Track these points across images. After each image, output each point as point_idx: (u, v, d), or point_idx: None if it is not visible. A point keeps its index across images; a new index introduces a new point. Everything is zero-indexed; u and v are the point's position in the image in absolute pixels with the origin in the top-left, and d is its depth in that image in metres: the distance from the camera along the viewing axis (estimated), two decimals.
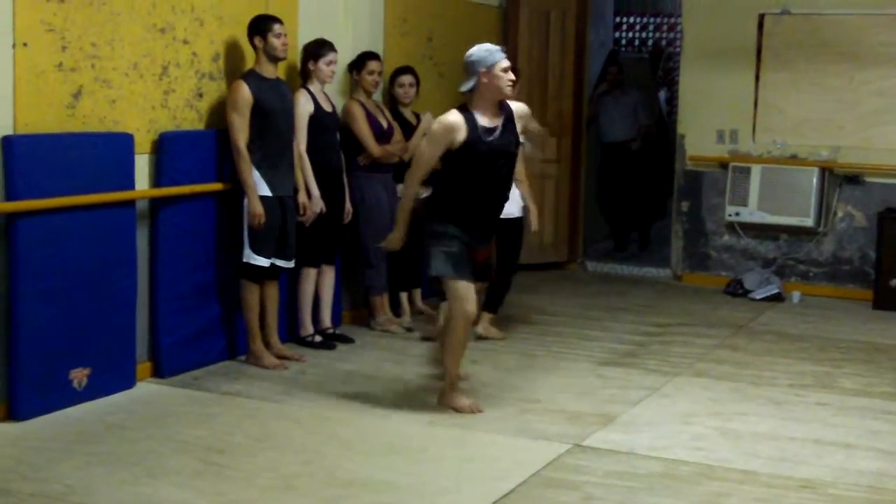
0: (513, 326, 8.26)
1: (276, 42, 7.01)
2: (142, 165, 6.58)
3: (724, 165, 10.37)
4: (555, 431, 6.06)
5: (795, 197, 10.05)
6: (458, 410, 6.31)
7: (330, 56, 7.48)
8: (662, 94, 12.72)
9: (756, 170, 10.17)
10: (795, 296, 9.86)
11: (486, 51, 6.17)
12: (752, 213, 10.21)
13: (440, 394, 6.46)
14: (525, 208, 8.07)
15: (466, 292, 6.19)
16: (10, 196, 5.78)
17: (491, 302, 8.08)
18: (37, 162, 5.87)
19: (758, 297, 9.81)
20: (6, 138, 5.76)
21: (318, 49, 7.49)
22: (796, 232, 10.17)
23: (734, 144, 10.37)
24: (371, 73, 8.00)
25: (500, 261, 8.07)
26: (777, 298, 9.80)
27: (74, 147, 6.12)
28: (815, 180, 9.97)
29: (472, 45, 9.70)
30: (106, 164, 6.30)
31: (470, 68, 6.13)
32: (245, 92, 6.86)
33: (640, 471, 5.51)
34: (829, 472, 5.56)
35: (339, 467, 5.45)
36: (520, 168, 7.56)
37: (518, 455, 5.73)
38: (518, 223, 7.99)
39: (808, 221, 10.02)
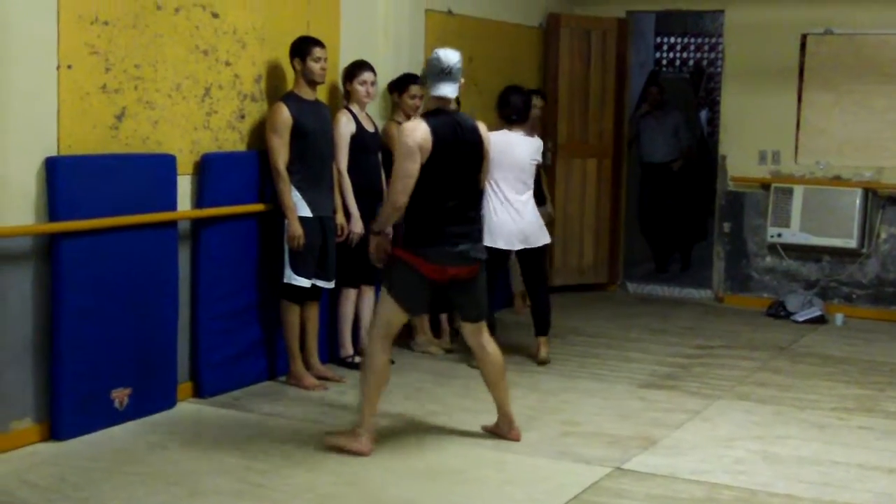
0: (553, 348, 8.22)
1: (314, 66, 7.04)
2: (184, 186, 6.62)
3: (765, 186, 10.31)
4: (595, 454, 6.03)
5: (838, 218, 9.98)
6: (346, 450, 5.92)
7: (364, 76, 7.50)
8: (704, 115, 12.67)
9: (798, 191, 10.11)
10: (838, 318, 9.77)
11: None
12: (794, 234, 10.14)
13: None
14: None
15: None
16: (54, 217, 5.82)
17: (540, 325, 8.06)
18: (80, 183, 5.92)
19: (800, 319, 9.73)
20: (50, 159, 5.81)
21: (353, 69, 7.53)
22: (839, 253, 10.09)
23: (776, 165, 10.31)
24: (413, 96, 8.01)
25: (530, 286, 8.05)
26: (820, 321, 9.72)
27: (117, 168, 6.16)
28: (858, 201, 9.90)
29: (513, 66, 9.86)
30: (148, 185, 6.34)
31: (458, 73, 5.98)
32: (284, 114, 6.89)
33: (681, 495, 5.47)
34: (872, 498, 5.50)
35: (378, 489, 5.45)
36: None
37: (559, 478, 5.70)
38: (542, 249, 7.95)
39: (852, 243, 9.94)
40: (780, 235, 10.21)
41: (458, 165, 5.87)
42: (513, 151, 7.70)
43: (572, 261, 10.57)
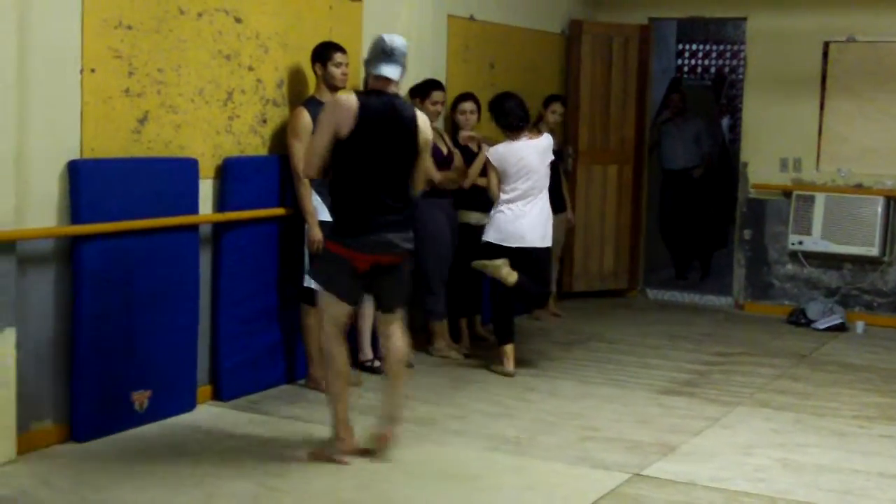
0: (573, 354, 8.21)
1: (335, 71, 7.06)
2: (206, 190, 6.65)
3: (787, 194, 10.28)
4: (614, 460, 6.03)
5: (860, 226, 9.95)
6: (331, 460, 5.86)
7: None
8: (725, 122, 12.65)
9: (820, 198, 10.08)
10: (859, 326, 9.73)
11: None
12: (815, 241, 10.11)
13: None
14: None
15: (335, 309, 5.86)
16: (76, 219, 5.86)
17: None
18: (102, 186, 5.95)
19: (821, 326, 9.69)
20: (73, 163, 5.85)
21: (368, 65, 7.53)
22: (860, 261, 10.06)
23: (798, 173, 10.28)
24: (434, 102, 8.03)
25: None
26: (840, 328, 9.69)
27: (139, 171, 6.20)
28: (879, 209, 9.86)
29: (535, 72, 9.87)
30: (170, 189, 6.37)
31: (402, 58, 5.80)
32: (306, 119, 6.91)
33: (700, 502, 5.47)
34: None
35: (395, 493, 5.46)
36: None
37: (577, 484, 5.70)
38: (547, 252, 7.94)
39: (873, 251, 9.91)
40: (801, 243, 10.18)
41: (387, 150, 5.70)
42: (523, 160, 7.71)
43: (592, 267, 10.56)
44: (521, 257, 7.73)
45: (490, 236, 7.72)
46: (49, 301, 5.86)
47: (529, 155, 7.74)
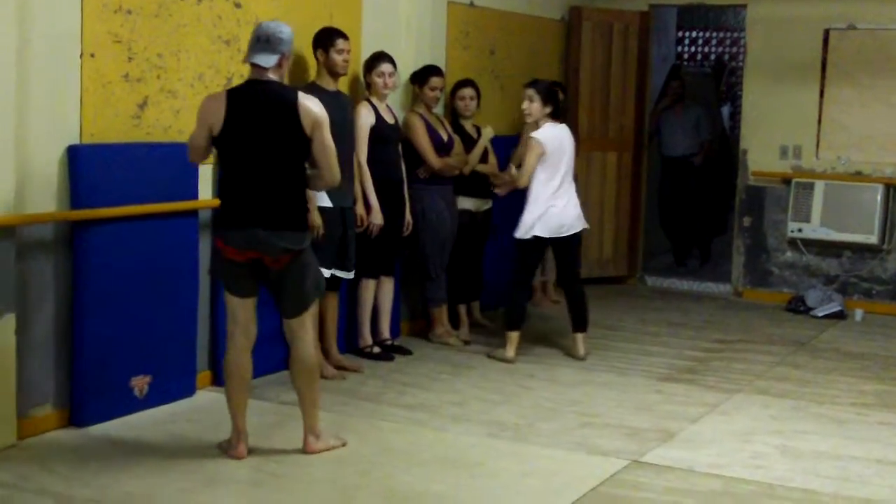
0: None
1: (337, 58, 7.06)
2: (205, 175, 6.63)
3: (786, 181, 10.28)
4: (613, 447, 6.04)
5: (859, 214, 9.94)
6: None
7: (382, 67, 7.50)
8: (726, 109, 12.63)
9: (819, 186, 10.07)
10: (858, 314, 9.73)
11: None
12: (814, 229, 10.10)
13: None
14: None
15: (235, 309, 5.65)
16: (75, 204, 5.86)
17: (577, 321, 7.99)
18: (101, 171, 5.95)
19: (820, 314, 9.70)
20: (72, 147, 5.84)
21: (372, 61, 7.54)
22: (860, 249, 10.05)
23: (797, 160, 10.27)
24: (433, 88, 8.02)
25: (564, 279, 8.05)
26: (839, 316, 9.69)
27: (139, 156, 6.19)
28: (879, 197, 9.85)
29: (535, 58, 9.86)
30: (170, 174, 6.36)
31: (278, 44, 5.47)
32: None
33: (699, 488, 5.47)
34: (892, 493, 5.49)
35: (395, 479, 5.46)
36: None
37: (576, 470, 5.71)
38: (578, 239, 7.95)
39: (872, 238, 9.91)
40: (800, 230, 10.18)
41: (262, 140, 5.42)
42: (563, 144, 7.73)
43: (592, 253, 10.55)
44: (562, 244, 7.81)
45: (538, 230, 7.66)
46: (49, 286, 5.86)
47: (566, 140, 7.76)
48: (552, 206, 7.65)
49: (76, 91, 5.88)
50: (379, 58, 7.54)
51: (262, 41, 5.46)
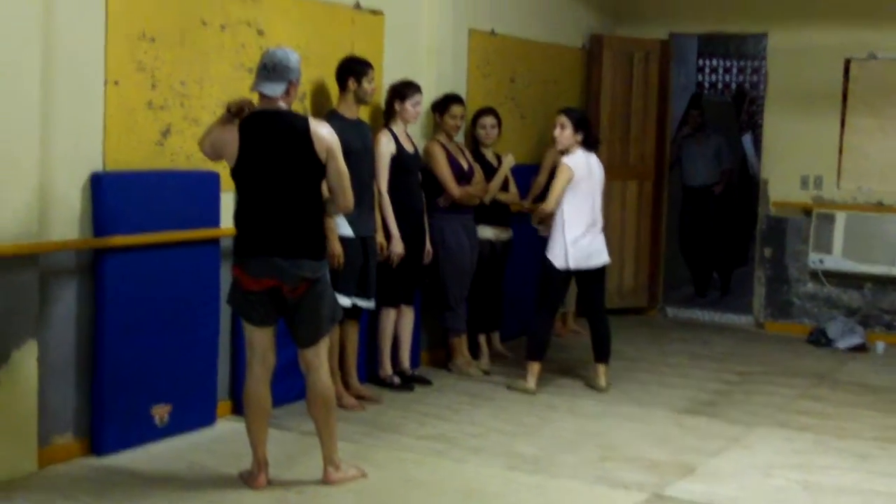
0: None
1: (368, 87, 7.09)
2: (227, 203, 6.62)
3: (807, 212, 10.24)
4: (634, 480, 6.00)
5: (881, 245, 9.90)
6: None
7: (416, 97, 7.52)
8: (748, 138, 12.60)
9: (841, 217, 10.03)
10: (880, 346, 9.68)
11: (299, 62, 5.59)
12: (836, 260, 10.06)
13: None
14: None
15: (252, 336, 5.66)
16: (98, 232, 5.87)
17: (600, 352, 7.97)
18: (124, 199, 5.96)
19: (841, 346, 9.65)
20: (95, 175, 5.86)
21: (406, 90, 7.53)
22: (881, 281, 10.00)
23: (818, 190, 10.24)
24: (454, 117, 8.02)
25: (588, 309, 8.02)
26: (861, 349, 9.64)
27: (161, 184, 6.20)
28: None
29: (555, 86, 9.86)
30: (192, 202, 6.37)
31: (285, 72, 5.48)
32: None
33: None
34: None
35: None
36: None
37: (597, 503, 5.66)
38: (602, 270, 7.91)
39: (895, 270, 9.85)
40: (821, 261, 10.13)
41: (274, 169, 5.41)
42: (595, 173, 7.72)
43: (612, 284, 10.48)
44: (588, 276, 7.80)
45: (560, 263, 7.62)
46: (71, 314, 5.86)
47: (595, 169, 7.76)
48: (581, 236, 7.62)
49: (100, 118, 5.90)
50: (414, 87, 7.57)
51: (269, 69, 5.46)
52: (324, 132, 5.49)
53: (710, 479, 6.09)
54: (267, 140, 5.43)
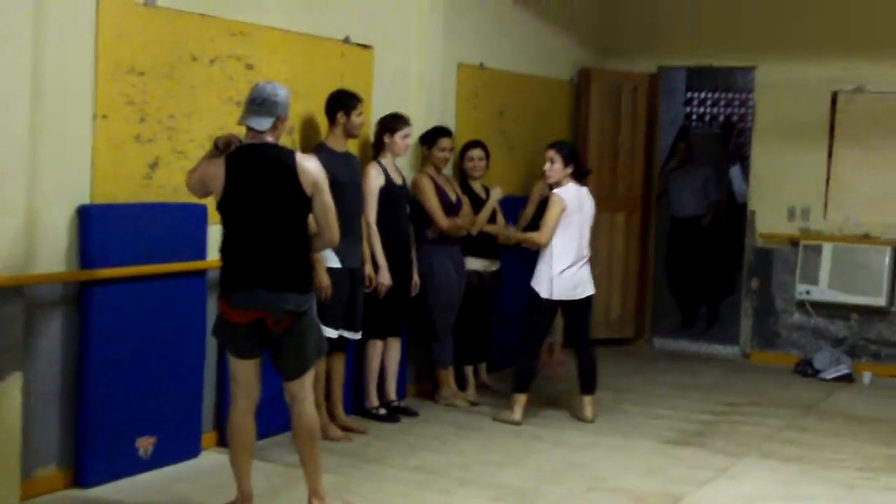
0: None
1: (357, 120, 7.13)
2: (214, 235, 6.64)
3: (794, 243, 10.29)
4: None
5: (867, 276, 9.94)
6: None
7: (406, 130, 7.57)
8: (736, 170, 12.66)
9: (828, 248, 10.08)
10: (866, 376, 9.71)
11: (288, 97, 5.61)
12: (823, 291, 10.10)
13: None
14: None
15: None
16: (85, 264, 5.88)
17: (586, 383, 7.98)
18: (111, 231, 5.98)
19: (828, 377, 9.67)
20: (82, 207, 5.87)
21: (395, 123, 7.57)
22: (868, 312, 10.04)
23: (805, 222, 10.29)
24: (442, 149, 8.07)
25: (574, 341, 8.04)
26: (847, 379, 9.66)
27: (148, 217, 6.22)
28: (887, 259, 9.86)
29: (544, 119, 9.91)
30: (179, 234, 6.39)
31: (273, 107, 5.48)
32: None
33: None
34: None
35: None
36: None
37: None
38: (589, 302, 7.94)
39: (881, 301, 9.89)
40: (808, 293, 10.17)
41: (261, 203, 5.40)
42: (585, 206, 7.76)
43: (599, 314, 10.52)
44: (574, 307, 7.82)
45: (546, 293, 7.64)
46: (56, 346, 5.87)
47: (586, 202, 7.79)
48: (568, 268, 7.65)
49: (87, 151, 5.93)
50: (401, 119, 7.60)
51: (257, 104, 5.45)
52: (310, 166, 5.49)
53: None
54: (253, 173, 5.43)
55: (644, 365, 10.17)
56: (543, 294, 7.64)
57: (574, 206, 7.66)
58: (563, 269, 7.63)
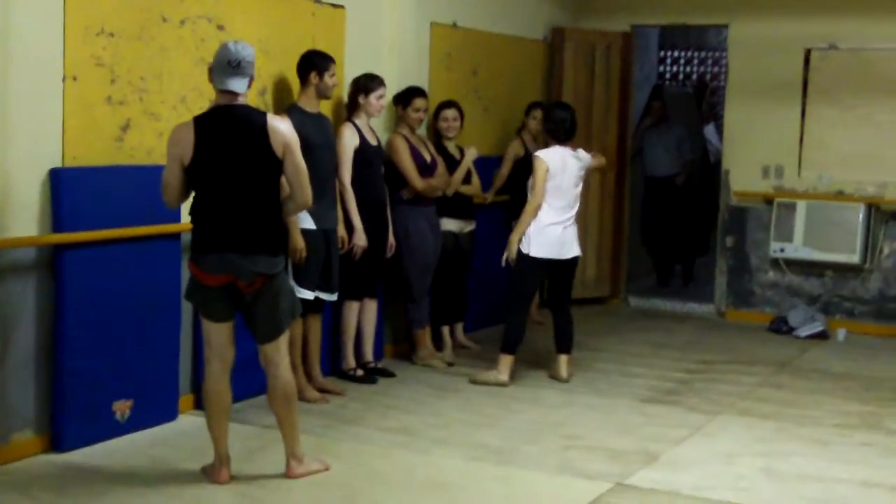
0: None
1: (329, 81, 7.08)
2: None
3: (769, 201, 10.31)
4: (597, 469, 6.03)
5: (841, 233, 9.97)
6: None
7: (380, 90, 7.52)
8: (711, 128, 12.66)
9: (801, 206, 10.10)
10: (841, 333, 9.76)
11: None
12: (797, 249, 10.13)
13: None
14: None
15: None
16: (57, 228, 5.84)
17: (562, 343, 7.98)
18: (83, 194, 5.93)
19: (802, 334, 9.72)
20: (54, 171, 5.82)
21: (370, 83, 7.53)
22: (842, 269, 10.08)
23: (779, 180, 10.31)
24: (416, 110, 8.03)
25: (554, 301, 8.03)
26: (822, 336, 9.71)
27: (121, 179, 6.17)
28: (861, 216, 9.89)
29: (517, 79, 9.88)
30: (152, 197, 6.30)
31: (249, 67, 5.45)
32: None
33: None
34: None
35: (378, 503, 5.44)
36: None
37: (560, 493, 5.71)
38: (574, 263, 7.93)
39: (855, 258, 9.93)
40: (782, 250, 10.20)
41: (233, 166, 5.36)
42: (567, 166, 7.72)
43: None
44: (560, 267, 7.80)
45: (534, 251, 7.63)
46: (31, 310, 5.83)
47: (570, 162, 7.75)
48: (553, 226, 7.64)
49: (58, 114, 5.87)
50: (375, 79, 7.54)
51: (233, 66, 5.38)
52: (281, 127, 5.45)
53: (672, 467, 6.12)
54: (224, 135, 5.38)
55: (619, 324, 10.20)
56: (530, 252, 7.62)
57: (557, 166, 7.64)
58: (547, 225, 7.62)
